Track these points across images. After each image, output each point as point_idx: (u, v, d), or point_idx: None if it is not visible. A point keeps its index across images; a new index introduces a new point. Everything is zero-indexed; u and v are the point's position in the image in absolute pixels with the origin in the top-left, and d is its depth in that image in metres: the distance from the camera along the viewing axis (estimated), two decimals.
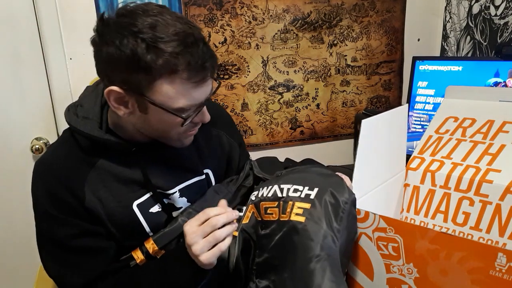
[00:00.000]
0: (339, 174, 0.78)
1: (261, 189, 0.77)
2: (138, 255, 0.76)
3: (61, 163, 0.73)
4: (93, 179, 0.72)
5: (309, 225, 0.68)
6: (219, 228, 0.66)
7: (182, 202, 0.81)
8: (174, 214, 0.81)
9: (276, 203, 0.73)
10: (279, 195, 0.73)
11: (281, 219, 0.71)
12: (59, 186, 0.70)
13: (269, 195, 0.74)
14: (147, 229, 0.77)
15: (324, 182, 0.73)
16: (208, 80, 0.67)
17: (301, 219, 0.69)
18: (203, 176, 0.85)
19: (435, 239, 0.65)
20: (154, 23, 0.61)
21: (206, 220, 0.66)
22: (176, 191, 0.80)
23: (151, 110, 0.67)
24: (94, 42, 0.66)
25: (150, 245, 0.76)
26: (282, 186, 0.74)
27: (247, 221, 0.76)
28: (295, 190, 0.73)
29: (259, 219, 0.75)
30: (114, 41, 0.61)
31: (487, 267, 0.60)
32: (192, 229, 0.66)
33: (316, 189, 0.71)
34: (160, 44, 0.60)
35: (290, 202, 0.71)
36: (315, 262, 0.65)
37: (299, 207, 0.70)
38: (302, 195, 0.71)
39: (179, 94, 0.65)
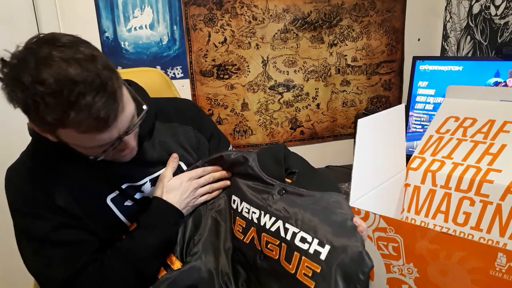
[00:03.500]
0: (356, 222, 0.64)
1: (262, 214, 0.72)
2: None
3: (30, 170, 0.74)
4: (63, 180, 0.73)
5: None
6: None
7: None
8: None
9: (278, 241, 0.68)
10: (282, 234, 0.67)
11: (284, 265, 0.66)
12: (31, 188, 0.72)
13: (272, 229, 0.69)
14: (125, 221, 0.78)
15: (337, 236, 0.62)
16: (112, 125, 0.62)
17: (310, 283, 0.61)
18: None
19: (435, 239, 0.65)
20: (41, 78, 0.56)
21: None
22: (147, 181, 0.80)
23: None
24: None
25: None
26: (287, 225, 0.67)
27: (247, 242, 0.74)
28: (302, 240, 0.64)
29: (259, 248, 0.71)
30: (8, 91, 0.60)
31: (487, 267, 0.60)
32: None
33: (327, 247, 0.62)
34: (47, 99, 0.57)
35: (297, 254, 0.64)
36: None
37: (307, 266, 0.62)
38: (311, 250, 0.63)
39: (82, 141, 0.63)
